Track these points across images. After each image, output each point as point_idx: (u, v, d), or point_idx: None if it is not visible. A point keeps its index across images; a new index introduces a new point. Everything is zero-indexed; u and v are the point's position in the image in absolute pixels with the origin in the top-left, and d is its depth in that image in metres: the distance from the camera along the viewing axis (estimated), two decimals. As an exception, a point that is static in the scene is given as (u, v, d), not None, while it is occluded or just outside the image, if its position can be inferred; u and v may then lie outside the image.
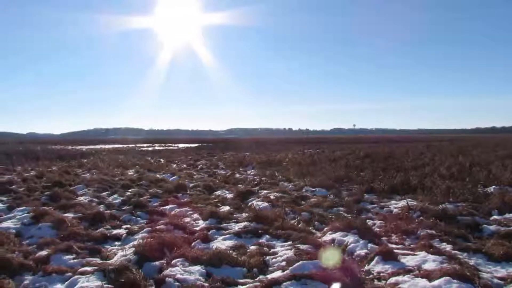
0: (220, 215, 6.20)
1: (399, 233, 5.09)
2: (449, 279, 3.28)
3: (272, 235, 5.05)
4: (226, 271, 3.80)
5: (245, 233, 5.13)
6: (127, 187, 9.44)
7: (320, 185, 9.26)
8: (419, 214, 5.96)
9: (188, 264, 3.90)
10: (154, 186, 9.69)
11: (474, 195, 7.26)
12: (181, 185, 9.54)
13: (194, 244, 4.69)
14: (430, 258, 3.99)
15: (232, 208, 6.89)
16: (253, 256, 4.21)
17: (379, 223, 5.71)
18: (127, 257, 4.07)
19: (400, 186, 8.61)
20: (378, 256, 4.07)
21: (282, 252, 4.36)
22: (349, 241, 4.69)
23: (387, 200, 7.71)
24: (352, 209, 6.73)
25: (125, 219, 6.16)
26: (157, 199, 7.94)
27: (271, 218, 5.71)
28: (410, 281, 3.42)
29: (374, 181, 9.35)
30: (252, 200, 7.64)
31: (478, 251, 4.27)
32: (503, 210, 6.16)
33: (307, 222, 5.87)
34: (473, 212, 6.02)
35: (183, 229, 5.35)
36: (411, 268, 3.77)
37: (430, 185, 8.39)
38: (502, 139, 47.54)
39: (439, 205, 6.30)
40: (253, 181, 10.88)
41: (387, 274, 3.72)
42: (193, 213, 6.59)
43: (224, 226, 5.59)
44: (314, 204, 7.19)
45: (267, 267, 4.01)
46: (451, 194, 7.35)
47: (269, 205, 6.95)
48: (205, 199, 7.99)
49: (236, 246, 4.61)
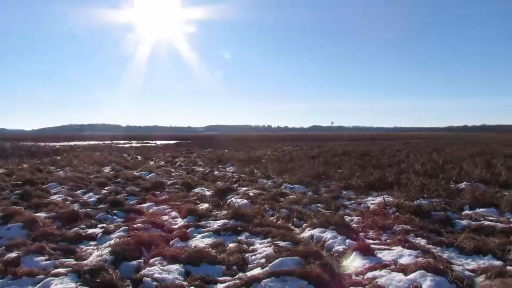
0: (199, 212, 6.15)
1: (376, 228, 5.19)
2: (424, 273, 3.37)
3: (251, 232, 5.06)
4: (206, 269, 3.77)
5: (224, 231, 5.12)
6: (103, 185, 9.24)
7: (299, 182, 9.33)
8: (395, 210, 6.09)
9: (167, 263, 3.85)
10: (131, 184, 9.52)
11: (447, 191, 7.48)
12: (159, 182, 9.41)
13: (173, 243, 4.64)
14: (405, 252, 4.09)
15: (211, 206, 6.85)
16: (232, 253, 4.20)
17: (357, 219, 5.80)
18: (103, 257, 3.98)
19: (376, 182, 8.77)
20: (355, 252, 4.14)
21: (261, 249, 4.37)
22: (328, 237, 4.74)
23: (364, 196, 7.84)
24: (330, 205, 6.81)
25: (101, 218, 6.02)
26: (134, 197, 7.80)
27: (250, 215, 5.72)
28: (387, 275, 3.50)
29: (351, 178, 9.49)
30: (231, 197, 7.62)
31: (451, 245, 4.40)
32: (474, 205, 6.38)
33: (286, 219, 5.91)
34: (446, 207, 6.19)
35: (161, 228, 5.28)
36: (387, 263, 3.85)
37: (406, 181, 8.59)
38: (473, 137, 49.18)
39: (414, 201, 6.45)
40: (232, 178, 10.86)
41: (365, 269, 3.78)
42: (171, 211, 6.51)
43: (203, 224, 5.55)
44: (293, 201, 7.23)
45: (247, 264, 4.01)
46: (425, 190, 7.54)
47: (248, 202, 6.95)
48: (184, 196, 7.91)
49: (215, 244, 4.59)
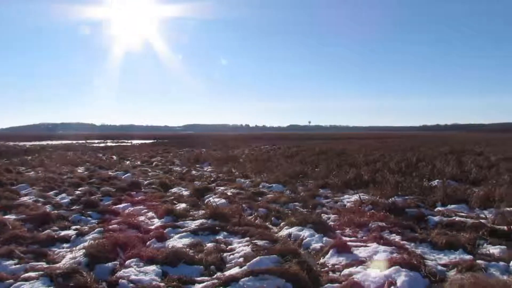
0: (176, 212, 6.08)
1: (352, 226, 5.27)
2: (398, 268, 3.44)
3: (229, 232, 5.04)
4: (183, 270, 3.73)
5: (202, 230, 5.08)
6: (77, 185, 9.00)
7: (277, 181, 9.38)
8: (370, 207, 6.21)
9: (143, 264, 3.78)
10: (106, 184, 9.31)
11: (420, 188, 7.69)
12: (135, 182, 9.25)
13: (149, 243, 4.56)
14: (381, 249, 4.16)
15: (189, 206, 6.79)
16: (210, 253, 4.17)
17: (334, 217, 5.88)
18: (76, 259, 3.87)
19: (353, 181, 8.92)
20: (332, 249, 4.19)
21: (239, 248, 4.36)
22: (305, 235, 4.79)
23: (341, 194, 7.96)
24: (307, 204, 6.87)
25: (75, 220, 5.86)
26: (110, 198, 7.63)
27: (228, 214, 5.70)
28: (363, 271, 3.56)
29: (328, 177, 9.62)
30: (209, 197, 7.57)
31: (424, 241, 4.52)
32: (446, 202, 6.59)
33: (264, 218, 5.93)
34: (419, 204, 6.37)
35: (137, 228, 5.18)
36: (363, 259, 3.92)
37: (381, 179, 8.77)
38: (446, 136, 50.74)
39: (389, 199, 6.60)
40: (210, 177, 10.80)
41: (341, 266, 3.83)
42: (148, 211, 6.41)
43: (181, 224, 5.49)
44: (271, 199, 7.26)
45: (225, 264, 3.99)
46: (399, 188, 7.73)
47: (226, 202, 6.93)
48: (161, 196, 7.81)
49: (193, 244, 4.54)
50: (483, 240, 4.51)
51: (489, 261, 3.83)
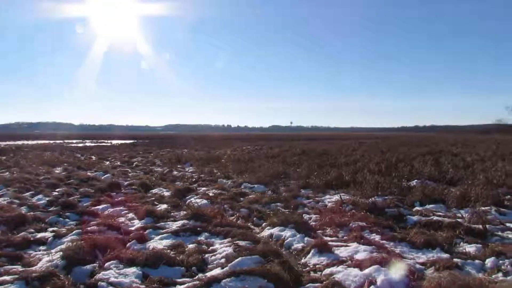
0: (157, 213, 6.02)
1: (333, 226, 5.32)
2: (378, 267, 3.49)
3: (211, 233, 5.01)
4: (164, 271, 3.69)
5: (184, 231, 5.03)
6: (54, 186, 8.78)
7: (259, 181, 9.38)
8: (351, 207, 6.28)
9: (123, 266, 3.72)
10: (85, 185, 9.12)
11: (399, 188, 7.83)
12: (115, 183, 9.09)
13: (130, 245, 4.49)
14: (361, 248, 4.22)
15: (170, 206, 6.72)
16: (191, 254, 4.14)
17: (315, 217, 5.92)
18: (53, 262, 3.77)
19: (334, 181, 9.01)
20: (314, 249, 4.23)
21: (221, 249, 4.34)
22: (287, 235, 4.81)
23: (322, 194, 8.02)
24: (289, 204, 6.90)
25: (52, 221, 5.71)
26: (89, 199, 7.48)
27: (210, 215, 5.67)
28: (344, 271, 3.60)
29: (310, 177, 9.69)
30: (191, 197, 7.52)
31: (403, 240, 4.60)
32: (424, 201, 6.73)
33: (246, 218, 5.93)
34: (398, 204, 6.48)
35: (117, 230, 5.09)
36: (344, 259, 3.96)
37: (361, 180, 8.89)
38: (424, 137, 51.88)
39: (369, 199, 6.70)
40: (192, 178, 10.73)
41: (323, 265, 3.87)
42: (128, 212, 6.31)
43: (162, 225, 5.43)
44: (252, 200, 7.26)
45: (206, 265, 3.97)
46: (379, 188, 7.85)
47: (208, 202, 6.90)
48: (141, 197, 7.70)
49: (174, 245, 4.50)
50: (459, 239, 4.62)
51: (466, 260, 3.93)
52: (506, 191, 7.66)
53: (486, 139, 37.35)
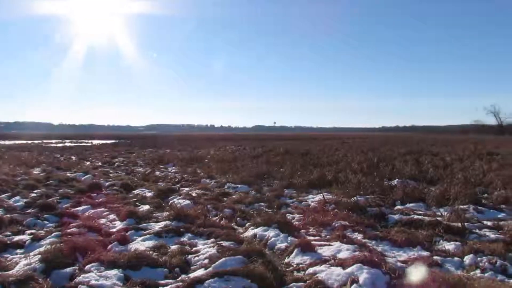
0: (139, 214, 5.94)
1: (316, 225, 5.36)
2: (360, 266, 3.53)
3: (194, 233, 4.97)
4: (146, 273, 3.64)
5: (166, 232, 4.98)
6: (32, 187, 8.55)
7: (242, 181, 9.37)
8: (334, 206, 6.34)
9: (104, 269, 3.65)
10: (65, 186, 8.92)
11: (381, 187, 7.94)
12: (96, 184, 8.93)
13: (111, 247, 4.42)
14: (344, 247, 4.26)
15: (152, 207, 6.64)
16: (174, 255, 4.10)
17: (298, 216, 5.95)
18: (31, 265, 3.67)
19: (317, 181, 9.08)
20: (297, 249, 4.24)
21: (204, 250, 4.31)
22: (270, 235, 4.82)
23: (305, 194, 8.08)
24: (273, 204, 6.92)
25: (30, 224, 5.56)
26: (68, 200, 7.31)
27: (193, 216, 5.63)
28: (327, 270, 3.62)
29: (293, 177, 9.74)
30: (173, 198, 7.45)
31: (385, 238, 4.67)
32: (404, 200, 6.85)
33: (229, 219, 5.91)
34: (380, 203, 6.58)
35: (98, 231, 5.00)
36: (327, 258, 3.99)
37: (344, 179, 8.99)
38: (404, 137, 52.85)
39: (352, 198, 6.77)
40: (174, 178, 10.63)
41: (306, 265, 3.89)
42: (109, 213, 6.21)
43: (144, 226, 5.36)
44: (236, 200, 7.24)
45: (190, 266, 3.94)
46: (361, 187, 7.95)
47: (191, 203, 6.85)
48: (123, 198, 7.59)
49: (157, 246, 4.45)
50: (439, 237, 4.72)
51: (445, 257, 4.02)
52: (483, 189, 7.87)
53: (464, 139, 38.30)
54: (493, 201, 6.78)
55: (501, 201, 6.74)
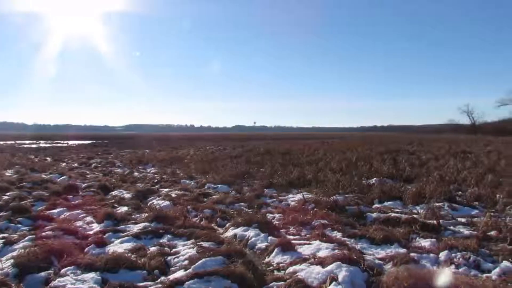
0: (117, 216, 5.83)
1: (296, 224, 5.39)
2: (340, 264, 3.58)
3: (173, 234, 4.92)
4: (125, 276, 3.57)
5: (145, 234, 4.91)
6: (4, 190, 8.25)
7: (222, 181, 9.34)
8: (313, 206, 6.40)
9: (81, 272, 3.57)
10: (39, 188, 8.66)
11: (360, 186, 8.08)
12: (72, 185, 8.71)
13: (88, 250, 4.32)
14: (323, 246, 4.31)
15: (131, 209, 6.53)
16: (153, 257, 4.04)
17: (278, 216, 5.97)
18: (4, 270, 3.55)
19: (297, 180, 9.15)
20: (277, 248, 4.26)
21: (184, 251, 4.27)
22: (251, 235, 4.82)
23: (285, 194, 8.12)
24: (253, 204, 6.92)
25: (2, 227, 5.36)
26: (43, 203, 7.10)
27: (173, 217, 5.57)
28: (307, 268, 3.65)
29: (273, 176, 9.77)
30: (153, 199, 7.36)
31: (363, 236, 4.74)
32: (382, 199, 6.98)
33: (209, 219, 5.87)
34: (358, 202, 6.68)
35: (74, 234, 4.88)
36: (307, 257, 4.02)
37: (323, 179, 9.08)
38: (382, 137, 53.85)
39: (331, 197, 6.85)
40: (153, 179, 10.49)
41: (286, 264, 3.91)
42: (86, 216, 6.07)
43: (122, 228, 5.26)
44: (216, 200, 7.21)
45: (169, 267, 3.89)
46: (340, 186, 8.06)
47: (171, 204, 6.78)
48: (100, 200, 7.43)
49: (135, 248, 4.38)
50: (415, 234, 4.83)
51: (421, 254, 4.11)
52: (458, 187, 8.10)
53: (439, 139, 39.33)
54: (467, 199, 6.99)
55: (474, 198, 6.96)
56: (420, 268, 3.58)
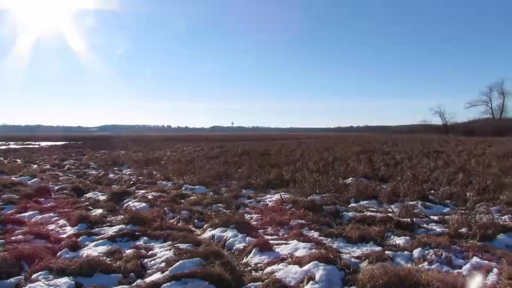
0: (92, 219, 5.69)
1: (274, 224, 5.41)
2: (317, 263, 3.62)
3: (150, 237, 4.85)
4: (99, 280, 3.49)
5: (121, 237, 4.82)
6: (-28, 193, 7.93)
7: (200, 182, 9.28)
8: (291, 206, 6.44)
9: (53, 277, 3.46)
10: (9, 191, 8.34)
11: (336, 186, 8.19)
12: (44, 188, 8.44)
13: (61, 254, 4.20)
14: (301, 245, 4.34)
15: (106, 211, 6.39)
16: (129, 260, 3.97)
17: (256, 216, 5.98)
18: (-29, 277, 3.41)
19: (274, 180, 9.18)
20: (255, 248, 4.27)
21: (161, 253, 4.22)
22: (228, 236, 4.81)
23: (263, 194, 8.13)
24: (231, 204, 6.91)
25: (-31, 232, 5.15)
26: (13, 206, 6.84)
27: (149, 218, 5.49)
28: (284, 268, 3.67)
29: (251, 177, 9.78)
30: (128, 201, 7.23)
31: (340, 236, 4.81)
32: (358, 198, 7.10)
33: (186, 221, 5.82)
34: (335, 201, 6.77)
35: (46, 238, 4.73)
36: (284, 257, 4.05)
37: (301, 178, 9.16)
38: (358, 137, 54.79)
39: (308, 197, 6.91)
40: (129, 181, 10.31)
41: (264, 264, 3.92)
42: (59, 219, 5.89)
43: (97, 231, 5.15)
44: (193, 202, 7.15)
45: (146, 270, 3.84)
46: (317, 186, 8.15)
47: (147, 205, 6.68)
48: (74, 202, 7.24)
49: (111, 251, 4.29)
50: (390, 232, 4.94)
51: (396, 251, 4.21)
52: (430, 186, 8.34)
53: (413, 139, 40.37)
54: (439, 197, 7.21)
55: (446, 196, 7.18)
56: (394, 266, 3.66)
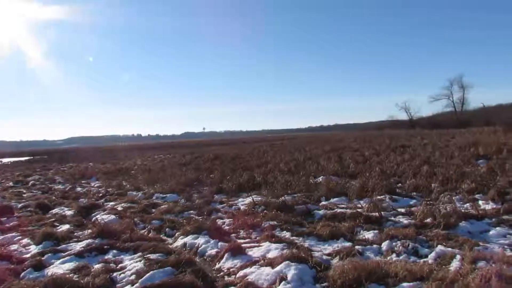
0: (58, 235, 5.48)
1: (247, 228, 5.41)
2: (289, 263, 3.64)
3: (119, 249, 4.73)
4: (66, 298, 3.37)
5: (89, 252, 4.67)
6: None
7: (171, 190, 9.15)
8: (263, 208, 6.46)
9: (16, 299, 3.31)
10: (-33, 212, 7.92)
11: (307, 185, 8.27)
12: (6, 207, 8.06)
13: (24, 274, 4.03)
14: (273, 247, 4.35)
15: (73, 226, 6.18)
16: (98, 275, 3.85)
17: (228, 221, 5.95)
18: None
19: (246, 184, 9.17)
20: (228, 253, 4.25)
21: (131, 265, 4.12)
22: (200, 242, 4.76)
23: (235, 198, 8.11)
24: (203, 211, 6.84)
25: None
26: (-28, 228, 6.51)
27: (119, 231, 5.36)
28: (257, 271, 3.67)
29: (223, 182, 9.73)
30: (97, 214, 7.03)
31: (311, 234, 4.87)
32: (329, 196, 7.20)
33: (158, 230, 5.73)
34: (306, 200, 6.84)
35: (8, 259, 4.52)
36: (257, 259, 4.05)
37: (272, 180, 9.20)
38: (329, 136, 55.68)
39: (280, 198, 6.96)
40: (98, 193, 10.03)
41: (236, 268, 3.91)
42: (22, 238, 5.64)
43: (63, 248, 4.96)
44: (165, 210, 7.04)
45: (115, 284, 3.73)
46: (289, 186, 8.21)
47: (116, 218, 6.52)
48: (39, 219, 6.95)
49: (78, 268, 4.15)
50: (360, 227, 5.04)
51: (365, 246, 4.31)
52: (397, 180, 8.57)
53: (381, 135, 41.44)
54: (406, 190, 7.43)
55: (412, 189, 7.40)
56: (364, 260, 3.74)
